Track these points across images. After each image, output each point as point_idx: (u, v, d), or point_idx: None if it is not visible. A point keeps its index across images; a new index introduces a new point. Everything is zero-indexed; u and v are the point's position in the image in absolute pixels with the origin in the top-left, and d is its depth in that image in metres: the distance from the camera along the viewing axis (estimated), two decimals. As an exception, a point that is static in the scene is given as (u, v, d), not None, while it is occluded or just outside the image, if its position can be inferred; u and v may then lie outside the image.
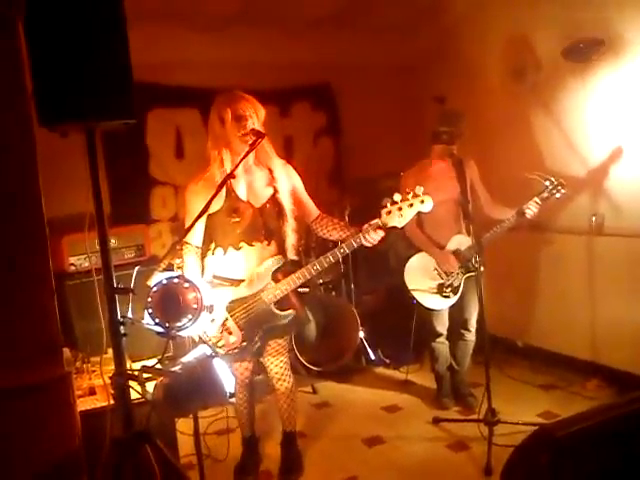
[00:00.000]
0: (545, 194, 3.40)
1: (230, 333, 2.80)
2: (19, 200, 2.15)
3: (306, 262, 2.83)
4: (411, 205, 2.60)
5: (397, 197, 2.61)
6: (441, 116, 3.60)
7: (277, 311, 2.82)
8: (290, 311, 2.86)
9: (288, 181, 2.92)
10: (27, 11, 1.78)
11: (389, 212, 2.61)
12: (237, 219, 2.81)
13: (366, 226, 2.67)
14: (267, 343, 2.99)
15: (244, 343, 2.83)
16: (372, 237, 2.66)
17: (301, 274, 2.77)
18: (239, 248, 2.84)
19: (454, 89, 4.73)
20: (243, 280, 2.85)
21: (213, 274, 2.89)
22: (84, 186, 1.99)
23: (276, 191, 2.87)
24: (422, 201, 2.60)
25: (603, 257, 3.92)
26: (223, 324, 2.80)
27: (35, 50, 1.79)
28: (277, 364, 3.05)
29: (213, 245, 2.90)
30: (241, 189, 2.85)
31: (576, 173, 3.96)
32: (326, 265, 2.75)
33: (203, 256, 2.92)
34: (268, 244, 2.87)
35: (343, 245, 2.71)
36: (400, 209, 2.60)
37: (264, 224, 2.86)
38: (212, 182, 2.72)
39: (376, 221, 2.64)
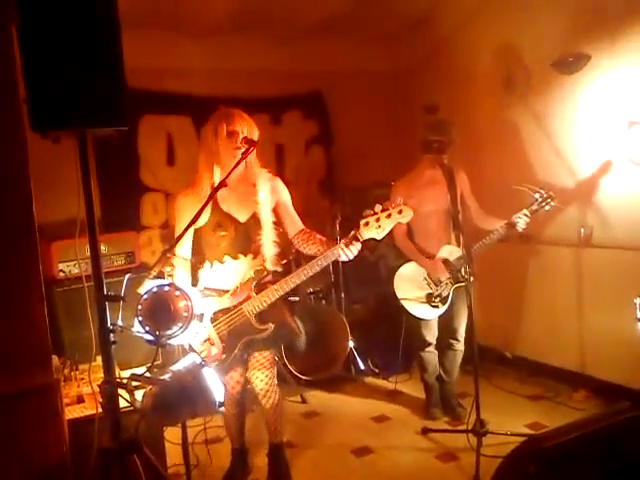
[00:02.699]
0: (534, 206, 3.41)
1: (212, 344, 2.78)
2: (10, 206, 2.13)
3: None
4: (389, 216, 2.57)
5: (377, 208, 2.58)
6: (431, 125, 3.62)
7: (256, 324, 2.80)
8: (269, 324, 2.82)
9: (272, 194, 2.91)
10: (20, 17, 1.78)
11: (367, 223, 2.58)
12: (222, 233, 2.82)
13: (344, 239, 2.65)
14: (252, 356, 2.97)
15: (223, 356, 2.81)
16: (348, 250, 2.63)
17: (279, 286, 2.75)
18: (223, 262, 2.86)
19: (445, 99, 4.77)
20: (228, 291, 2.85)
21: (204, 286, 2.90)
22: (74, 192, 1.98)
23: (256, 203, 2.87)
24: (400, 211, 2.57)
25: (591, 269, 3.94)
26: (208, 334, 2.79)
27: (28, 56, 1.79)
28: (262, 379, 3.02)
29: (193, 256, 2.92)
30: (226, 204, 2.85)
31: (565, 184, 4.00)
32: (304, 278, 2.72)
33: (195, 268, 2.93)
34: (253, 257, 2.87)
35: (320, 257, 2.69)
36: (378, 220, 2.57)
37: (249, 238, 2.86)
38: (201, 195, 2.73)
39: (353, 233, 2.62)
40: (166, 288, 2.17)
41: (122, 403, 2.07)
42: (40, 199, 2.22)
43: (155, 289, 2.14)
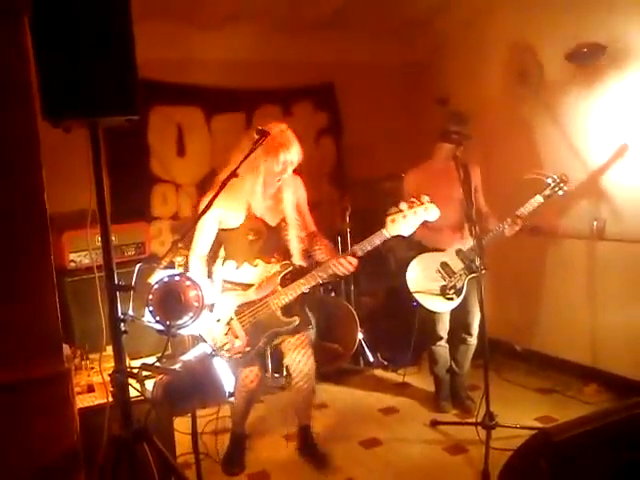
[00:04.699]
0: (548, 191, 3.37)
1: (236, 337, 2.84)
2: (22, 196, 2.14)
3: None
4: (416, 213, 2.60)
5: (403, 205, 2.60)
6: (452, 116, 3.60)
7: (282, 317, 2.85)
8: (295, 318, 2.89)
9: (294, 193, 2.97)
10: (33, 5, 1.78)
11: (394, 220, 2.61)
12: (252, 237, 2.88)
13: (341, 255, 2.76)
14: (285, 341, 3.04)
15: (248, 348, 2.86)
16: (343, 266, 2.73)
17: (306, 280, 2.80)
18: (255, 265, 2.91)
19: (457, 91, 4.73)
20: (253, 285, 2.90)
21: (223, 279, 2.95)
22: (84, 182, 1.98)
23: (280, 201, 2.92)
24: (426, 209, 2.60)
25: (604, 262, 3.91)
26: (230, 327, 2.83)
27: (40, 45, 1.79)
28: (302, 361, 3.07)
29: (223, 255, 2.96)
30: (259, 209, 2.90)
31: (578, 177, 3.95)
32: (331, 272, 2.77)
33: (210, 263, 2.98)
34: (284, 260, 2.93)
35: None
36: (405, 217, 2.59)
37: (280, 241, 2.93)
38: (233, 194, 2.78)
39: (382, 231, 2.66)
40: (177, 278, 2.17)
41: (132, 393, 2.08)
42: (51, 189, 2.22)
43: (166, 279, 2.14)
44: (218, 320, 2.84)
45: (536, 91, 4.26)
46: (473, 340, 3.77)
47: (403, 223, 2.60)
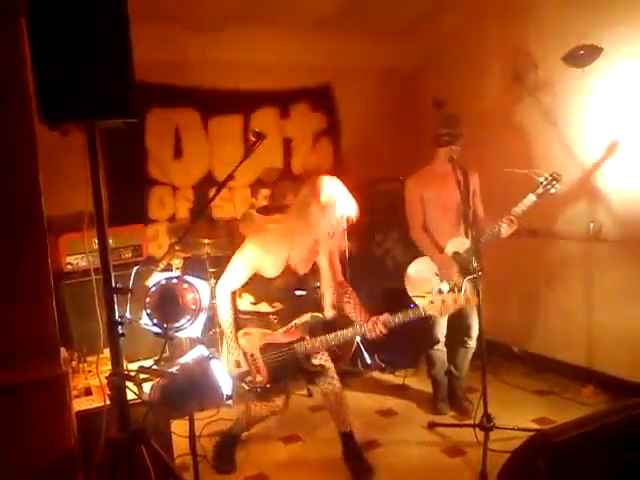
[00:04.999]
0: (540, 190, 3.37)
1: (258, 372, 2.89)
2: (19, 198, 2.14)
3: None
4: (456, 302, 2.69)
5: (445, 286, 2.65)
6: (442, 119, 3.65)
7: (306, 363, 2.96)
8: (318, 366, 3.00)
9: (328, 244, 2.99)
10: (30, 8, 1.77)
11: (433, 302, 2.71)
12: (282, 286, 2.92)
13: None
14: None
15: (268, 385, 2.92)
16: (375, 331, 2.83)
17: (335, 337, 2.88)
18: (273, 307, 2.96)
19: (454, 93, 4.74)
20: (267, 313, 2.96)
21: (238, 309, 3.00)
22: (81, 185, 1.98)
23: (316, 252, 2.97)
24: (468, 300, 2.71)
25: (601, 263, 3.92)
26: (255, 361, 2.89)
27: (37, 48, 1.79)
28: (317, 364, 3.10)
29: (238, 288, 2.97)
30: (293, 259, 2.93)
31: (574, 179, 3.96)
32: (362, 332, 2.88)
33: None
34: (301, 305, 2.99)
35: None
36: (443, 302, 2.68)
37: (302, 288, 2.98)
38: (271, 242, 2.84)
39: (418, 309, 2.76)
40: (174, 281, 2.17)
41: (130, 395, 2.08)
42: (48, 192, 2.22)
43: (163, 281, 2.14)
44: (250, 355, 2.90)
45: (533, 93, 4.27)
46: (473, 343, 3.76)
47: (442, 309, 2.72)
